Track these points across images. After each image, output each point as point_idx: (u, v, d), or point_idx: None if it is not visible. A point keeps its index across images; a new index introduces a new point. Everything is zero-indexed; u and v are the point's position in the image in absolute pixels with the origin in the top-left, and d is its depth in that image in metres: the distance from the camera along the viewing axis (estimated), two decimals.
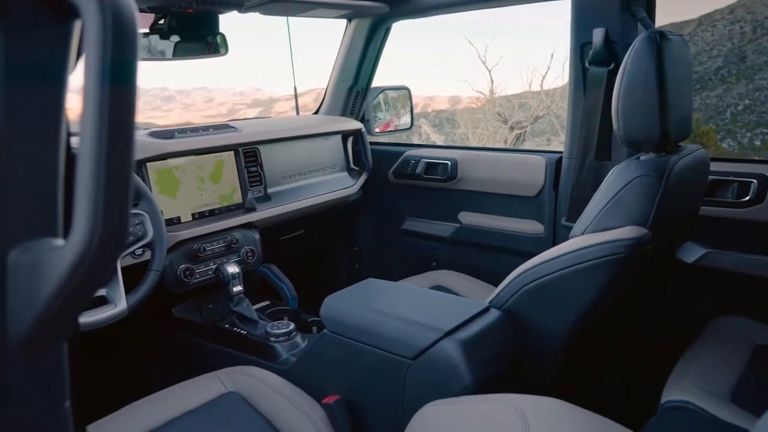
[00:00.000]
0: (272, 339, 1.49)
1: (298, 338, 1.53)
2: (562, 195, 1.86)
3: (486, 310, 1.23)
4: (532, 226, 1.96)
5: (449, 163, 2.11)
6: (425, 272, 2.05)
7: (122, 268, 1.43)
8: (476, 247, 2.10)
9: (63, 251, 0.33)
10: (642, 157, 1.25)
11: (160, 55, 1.61)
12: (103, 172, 0.32)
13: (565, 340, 1.22)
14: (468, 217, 2.13)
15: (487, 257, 2.07)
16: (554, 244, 1.93)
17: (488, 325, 1.18)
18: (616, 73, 1.62)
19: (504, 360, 1.18)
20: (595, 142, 1.69)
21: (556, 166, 1.89)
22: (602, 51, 1.62)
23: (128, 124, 0.36)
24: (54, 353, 0.39)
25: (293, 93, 2.36)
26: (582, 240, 1.18)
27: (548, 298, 1.21)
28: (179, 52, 1.66)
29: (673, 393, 1.20)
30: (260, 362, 1.48)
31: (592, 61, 1.65)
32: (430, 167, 2.17)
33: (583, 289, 1.16)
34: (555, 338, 1.22)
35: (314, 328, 1.66)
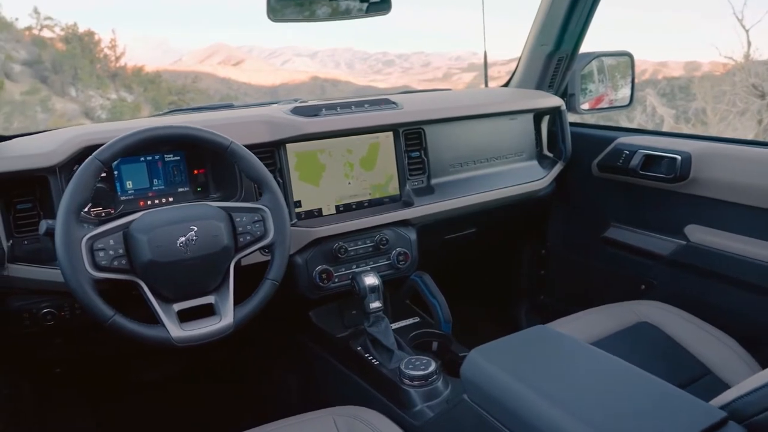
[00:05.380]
0: (406, 381, 1.17)
1: (440, 384, 1.18)
2: None
3: (722, 424, 0.75)
4: None
5: (679, 157, 1.55)
6: (630, 300, 1.55)
7: (246, 267, 1.22)
8: (708, 276, 1.52)
9: None
10: None
11: (309, 15, 1.34)
12: None
13: None
14: (699, 234, 1.56)
15: (724, 294, 1.49)
16: None
17: None
18: None
19: None
20: None
21: None
22: None
23: None
24: None
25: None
26: None
27: None
28: (335, 12, 1.37)
29: None
30: (389, 406, 1.18)
31: None
32: (651, 161, 1.63)
33: None
34: None
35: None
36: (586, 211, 1.86)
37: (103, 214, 1.23)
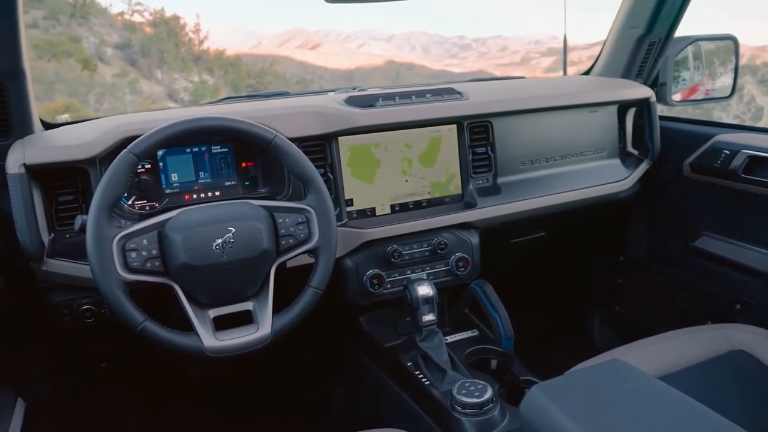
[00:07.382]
0: (458, 408, 1.05)
1: (496, 413, 1.05)
2: None
3: None
4: None
5: None
6: (720, 322, 1.35)
7: (291, 269, 1.13)
8: None
9: None
10: None
11: None
12: None
13: None
14: None
15: None
16: None
17: None
18: None
19: None
20: None
21: None
22: None
23: None
24: None
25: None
26: None
27: None
28: None
29: None
30: None
31: None
32: (757, 163, 1.41)
33: None
34: None
35: (527, 391, 1.16)
36: (675, 216, 1.66)
37: (147, 208, 1.18)
